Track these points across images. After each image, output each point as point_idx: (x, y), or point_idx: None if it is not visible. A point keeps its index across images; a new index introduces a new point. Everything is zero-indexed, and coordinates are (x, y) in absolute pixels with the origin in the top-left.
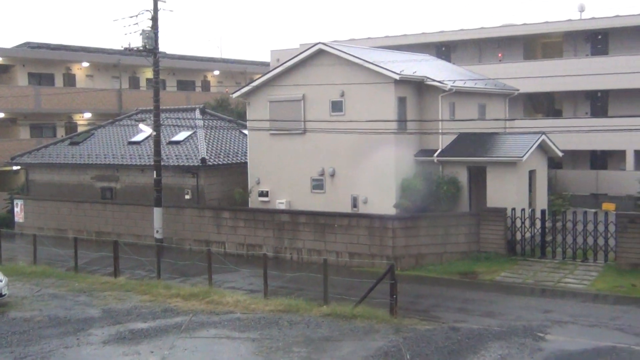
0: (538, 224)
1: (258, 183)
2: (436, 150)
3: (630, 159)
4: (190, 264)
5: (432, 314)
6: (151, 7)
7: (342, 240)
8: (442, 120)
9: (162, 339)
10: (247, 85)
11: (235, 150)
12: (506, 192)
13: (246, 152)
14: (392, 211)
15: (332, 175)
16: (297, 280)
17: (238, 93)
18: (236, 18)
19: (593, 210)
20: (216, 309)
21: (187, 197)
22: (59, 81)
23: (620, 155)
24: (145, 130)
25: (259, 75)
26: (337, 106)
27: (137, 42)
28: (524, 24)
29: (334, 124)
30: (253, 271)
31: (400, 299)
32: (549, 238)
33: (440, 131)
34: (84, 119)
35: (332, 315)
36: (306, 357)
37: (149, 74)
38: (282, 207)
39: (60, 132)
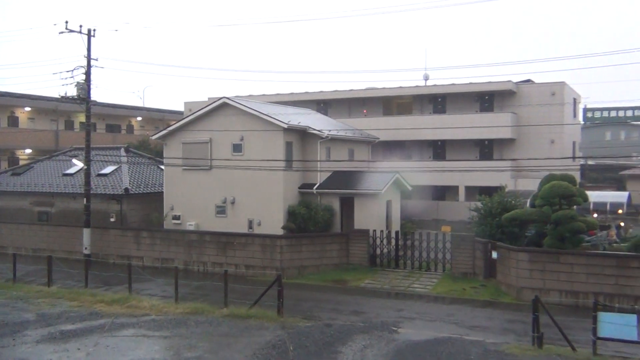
0: (393, 242)
1: (172, 209)
2: (315, 184)
3: (462, 193)
4: (113, 275)
5: (311, 314)
6: (85, 64)
7: (240, 255)
8: (320, 161)
9: (87, 338)
10: (164, 129)
11: (154, 182)
12: (369, 217)
13: (162, 184)
14: (280, 232)
15: (233, 203)
16: (202, 287)
17: (157, 135)
18: (157, 74)
19: (434, 231)
20: (135, 312)
21: (112, 220)
22: (4, 122)
23: (455, 189)
24: (77, 165)
25: (175, 122)
26: (237, 148)
27: (72, 92)
28: (383, 88)
29: (234, 162)
30: (166, 281)
31: (285, 302)
32: (401, 253)
33: (318, 169)
34: (25, 154)
35: (231, 316)
36: (209, 350)
37: (82, 118)
38: (192, 228)
39: (4, 165)
